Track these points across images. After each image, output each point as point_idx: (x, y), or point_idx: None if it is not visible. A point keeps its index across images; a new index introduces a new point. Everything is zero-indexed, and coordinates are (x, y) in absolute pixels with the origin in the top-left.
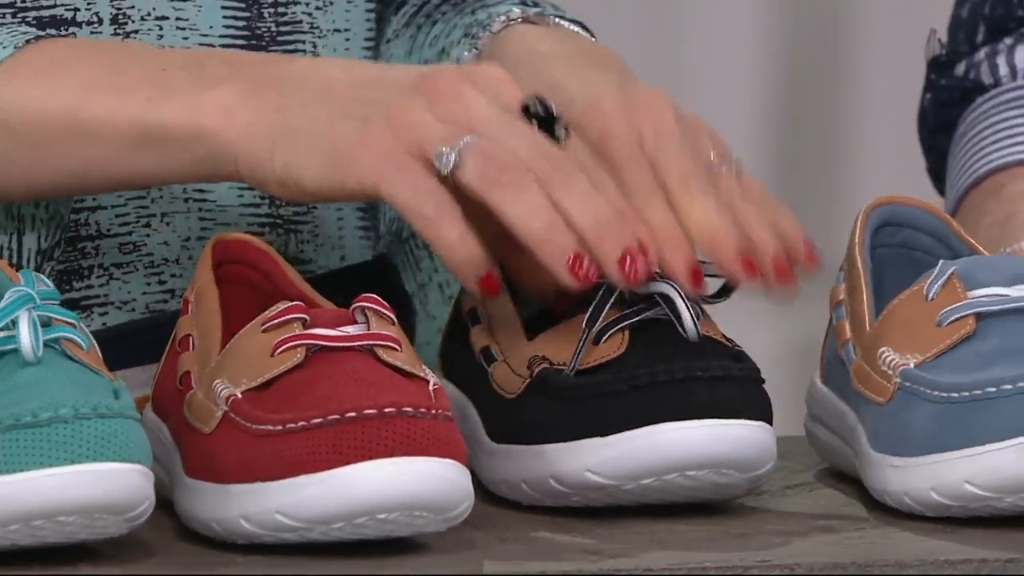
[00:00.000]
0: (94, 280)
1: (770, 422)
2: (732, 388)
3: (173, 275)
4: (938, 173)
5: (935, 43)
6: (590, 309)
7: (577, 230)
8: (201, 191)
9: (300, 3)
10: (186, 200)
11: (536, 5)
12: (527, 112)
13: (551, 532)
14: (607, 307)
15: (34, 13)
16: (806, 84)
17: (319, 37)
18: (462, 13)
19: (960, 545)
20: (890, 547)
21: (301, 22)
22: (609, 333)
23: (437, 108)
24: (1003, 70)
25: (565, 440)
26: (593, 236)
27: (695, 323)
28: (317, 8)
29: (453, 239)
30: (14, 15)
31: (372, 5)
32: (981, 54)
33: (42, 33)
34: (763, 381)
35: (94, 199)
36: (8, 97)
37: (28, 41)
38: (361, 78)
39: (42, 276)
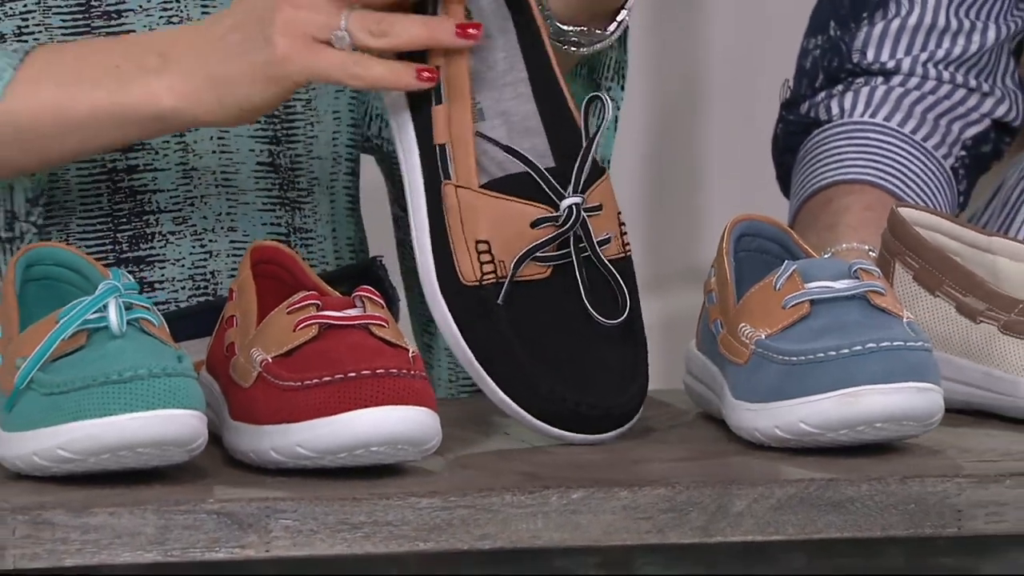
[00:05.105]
0: (156, 243)
1: None
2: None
3: (211, 240)
4: (785, 183)
5: (786, 88)
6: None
7: None
8: (227, 178)
9: None
10: (216, 186)
11: None
12: None
13: (498, 460)
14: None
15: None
16: (671, 130)
17: None
18: None
19: (796, 468)
20: (746, 469)
21: None
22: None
23: (298, 5)
24: (835, 110)
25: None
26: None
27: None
28: None
29: (383, 70)
30: (84, 12)
31: None
32: (819, 97)
33: (25, 47)
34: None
35: (155, 185)
36: (17, 108)
37: (21, 60)
38: (232, 20)
39: (126, 272)
